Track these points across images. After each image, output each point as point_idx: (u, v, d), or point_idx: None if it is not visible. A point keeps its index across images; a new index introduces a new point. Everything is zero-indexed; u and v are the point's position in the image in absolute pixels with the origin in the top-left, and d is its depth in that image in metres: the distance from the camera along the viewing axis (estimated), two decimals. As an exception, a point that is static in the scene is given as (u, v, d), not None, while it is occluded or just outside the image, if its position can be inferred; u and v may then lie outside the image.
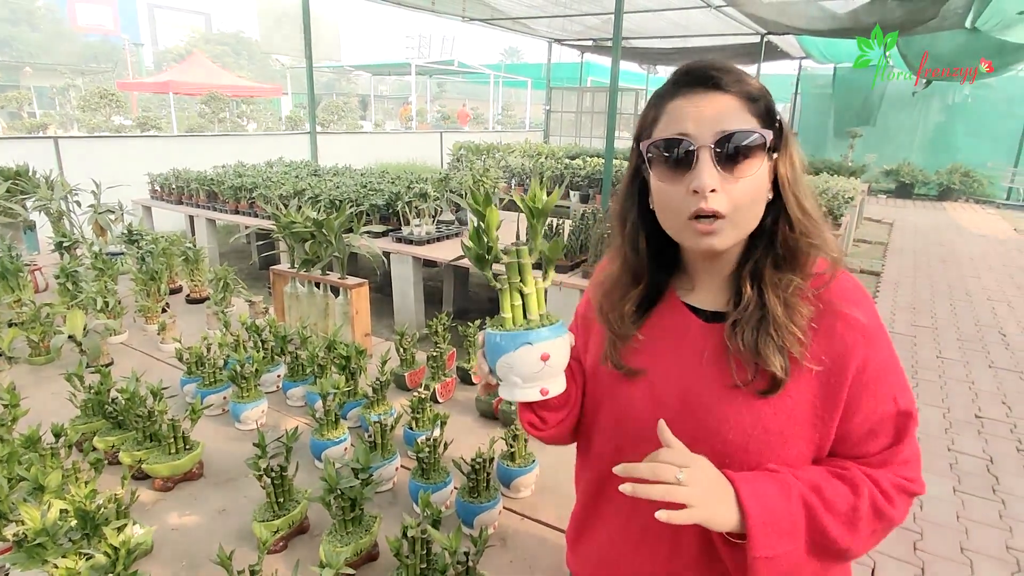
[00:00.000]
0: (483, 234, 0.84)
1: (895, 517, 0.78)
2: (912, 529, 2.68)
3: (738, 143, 0.75)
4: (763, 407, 0.78)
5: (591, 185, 7.51)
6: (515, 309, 0.82)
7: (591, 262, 3.99)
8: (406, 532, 1.01)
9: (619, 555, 0.92)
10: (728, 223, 0.77)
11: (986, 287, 6.69)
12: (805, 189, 0.82)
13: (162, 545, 1.23)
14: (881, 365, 0.79)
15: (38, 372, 2.03)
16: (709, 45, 12.88)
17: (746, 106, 0.78)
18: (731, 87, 0.77)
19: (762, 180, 0.79)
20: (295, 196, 5.24)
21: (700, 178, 0.75)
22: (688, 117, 0.77)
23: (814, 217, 0.82)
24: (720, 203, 0.76)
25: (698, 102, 0.78)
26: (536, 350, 0.77)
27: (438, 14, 11.10)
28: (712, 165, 0.75)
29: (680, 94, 0.79)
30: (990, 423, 3.66)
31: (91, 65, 34.36)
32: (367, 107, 27.77)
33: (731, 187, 0.76)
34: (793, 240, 0.81)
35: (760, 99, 0.79)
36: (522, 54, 55.59)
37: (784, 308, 0.78)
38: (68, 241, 2.83)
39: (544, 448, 1.61)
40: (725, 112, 0.77)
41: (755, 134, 0.76)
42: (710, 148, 0.75)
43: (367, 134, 14.70)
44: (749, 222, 0.80)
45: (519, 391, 0.80)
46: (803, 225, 0.81)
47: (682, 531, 0.84)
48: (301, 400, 1.84)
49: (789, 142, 0.81)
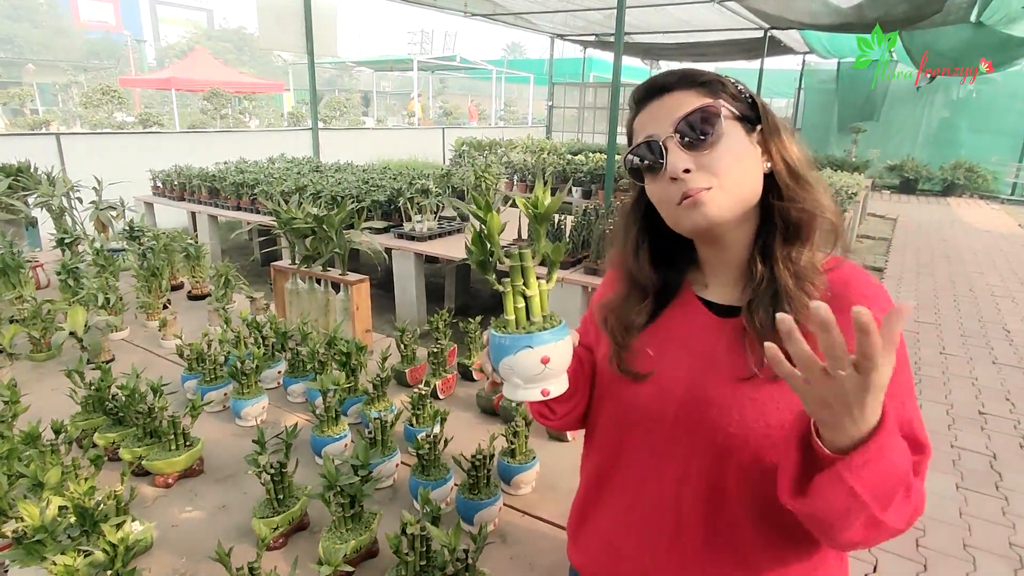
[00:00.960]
0: (485, 239, 0.85)
1: (919, 506, 0.70)
2: (915, 525, 2.67)
3: (694, 120, 0.79)
4: (767, 401, 0.78)
5: (593, 181, 7.49)
6: (518, 311, 0.82)
7: (593, 258, 3.98)
8: (405, 529, 1.01)
9: (621, 543, 0.92)
10: (717, 191, 0.79)
11: (990, 283, 6.66)
12: (795, 153, 0.83)
13: (162, 542, 1.23)
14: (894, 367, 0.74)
15: (39, 368, 2.03)
16: (712, 40, 12.82)
17: (697, 92, 0.81)
18: (678, 85, 0.82)
19: (742, 146, 0.80)
20: (296, 192, 5.24)
21: (671, 164, 0.79)
22: (648, 123, 0.83)
23: (808, 181, 0.83)
24: (701, 180, 0.78)
25: (653, 108, 0.83)
26: (537, 353, 0.79)
27: (440, 9, 11.06)
28: (678, 149, 0.79)
29: (640, 110, 0.86)
30: (993, 419, 3.65)
31: (93, 62, 34.38)
32: (369, 103, 27.76)
33: (706, 160, 0.78)
34: (785, 210, 0.81)
35: (709, 81, 0.82)
36: (524, 50, 55.49)
37: (795, 280, 0.79)
38: (70, 238, 2.83)
39: (545, 445, 1.62)
40: (677, 104, 0.81)
41: (708, 105, 0.79)
42: (673, 136, 0.79)
43: (369, 130, 14.70)
44: (742, 189, 0.80)
45: (521, 392, 0.82)
46: (792, 191, 0.81)
47: (685, 519, 0.84)
48: (302, 396, 1.84)
49: (767, 110, 0.84)
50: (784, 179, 0.82)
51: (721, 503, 0.82)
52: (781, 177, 0.82)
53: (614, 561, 0.94)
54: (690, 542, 0.84)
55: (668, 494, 0.86)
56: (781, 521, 0.79)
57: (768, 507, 0.79)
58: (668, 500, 0.86)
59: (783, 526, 0.80)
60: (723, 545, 0.83)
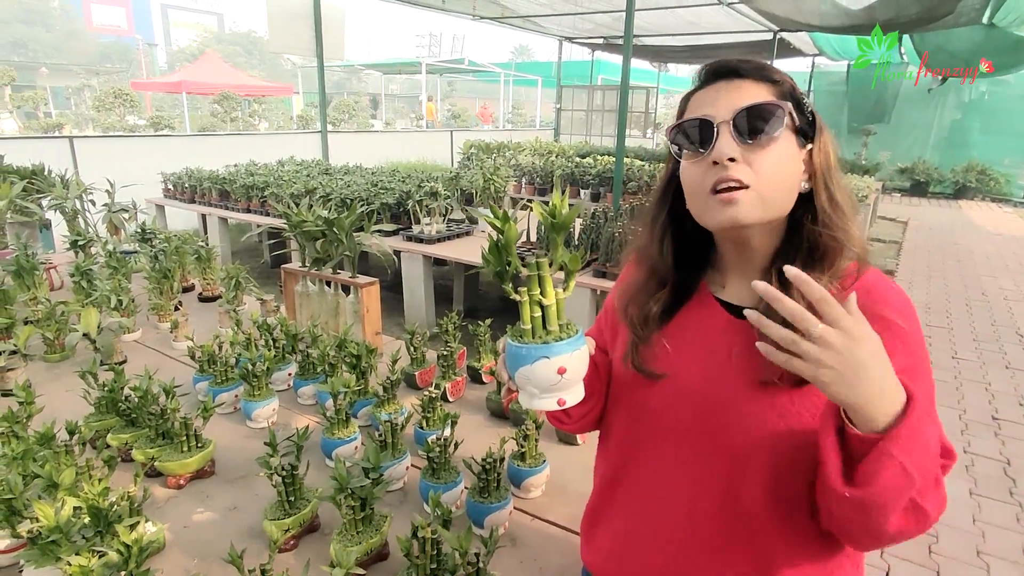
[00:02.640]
0: (503, 249, 0.84)
1: (944, 502, 0.69)
2: (928, 532, 2.64)
3: (756, 116, 0.77)
4: (787, 406, 0.77)
5: (602, 183, 7.48)
6: (535, 320, 0.82)
7: (602, 261, 3.97)
8: (417, 532, 1.01)
9: (634, 544, 0.92)
10: (753, 193, 0.77)
11: (1003, 287, 6.60)
12: (839, 182, 0.82)
13: (174, 543, 1.24)
14: (913, 375, 0.71)
15: (53, 369, 2.05)
16: (721, 42, 12.77)
17: (767, 87, 0.80)
18: (751, 74, 0.81)
19: (790, 158, 0.80)
20: (306, 195, 5.26)
21: (719, 148, 0.78)
22: (708, 102, 0.81)
23: (843, 211, 0.81)
24: (742, 172, 0.77)
25: (719, 89, 0.82)
26: (553, 364, 0.78)
27: (449, 13, 11.10)
28: (730, 137, 0.78)
29: (703, 88, 0.84)
30: (1007, 425, 3.61)
31: (105, 65, 34.75)
32: (378, 106, 27.87)
33: (753, 156, 0.77)
34: (816, 233, 0.80)
35: (782, 82, 0.81)
36: (532, 52, 55.52)
37: (806, 304, 0.76)
38: (83, 240, 2.85)
39: (555, 449, 1.62)
40: (745, 92, 0.80)
41: (775, 105, 0.78)
42: (729, 122, 0.78)
43: (378, 133, 14.75)
44: (777, 198, 0.79)
45: (537, 401, 0.82)
46: (828, 217, 0.80)
47: (699, 522, 0.84)
48: (312, 398, 1.84)
49: (823, 132, 0.83)
50: (823, 203, 0.81)
51: (736, 506, 0.81)
52: (820, 200, 0.81)
53: (628, 563, 0.93)
54: (705, 544, 0.84)
55: (682, 496, 0.85)
56: (798, 525, 0.79)
57: (785, 511, 0.78)
58: (682, 502, 0.85)
59: (799, 530, 0.79)
60: (738, 548, 0.82)
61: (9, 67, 19.09)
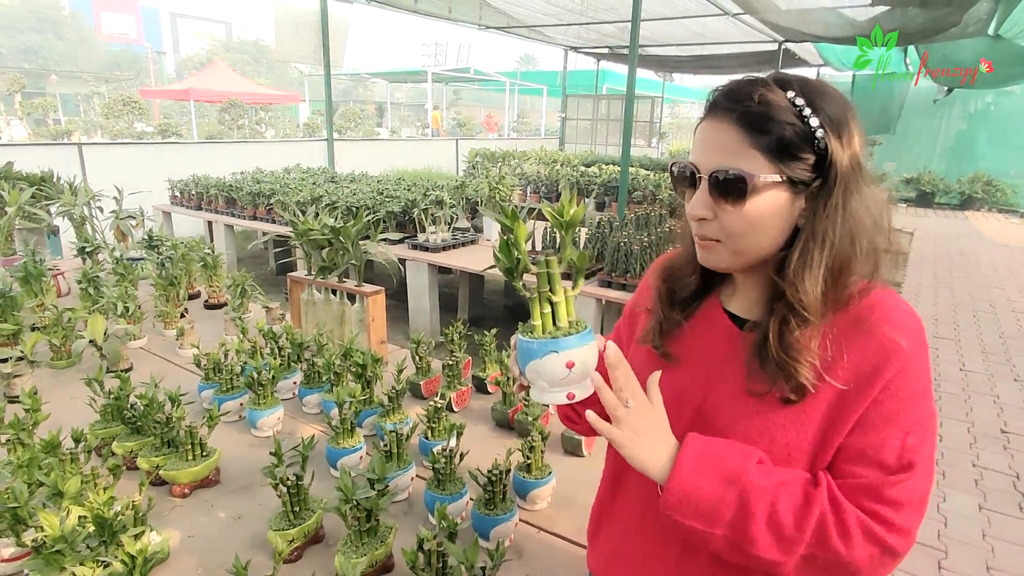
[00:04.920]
0: (512, 246, 0.87)
1: (848, 556, 0.71)
2: (936, 547, 2.61)
3: (725, 180, 0.76)
4: (774, 418, 0.78)
5: (607, 193, 7.49)
6: (544, 317, 0.84)
7: (608, 271, 3.97)
8: (423, 544, 1.00)
9: (633, 549, 0.93)
10: (723, 248, 0.80)
11: (1010, 298, 6.55)
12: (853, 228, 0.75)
13: (178, 552, 1.23)
14: (907, 395, 0.74)
15: (59, 376, 2.05)
16: (726, 53, 12.82)
17: (748, 139, 0.74)
18: (736, 116, 0.75)
19: (770, 211, 0.75)
20: (312, 203, 5.29)
21: (692, 206, 0.80)
22: (700, 143, 0.81)
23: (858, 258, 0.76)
24: (710, 229, 0.80)
25: (710, 130, 0.79)
26: (562, 358, 0.80)
27: (454, 22, 11.17)
28: (706, 194, 0.78)
29: (705, 119, 0.81)
30: (1016, 438, 3.57)
31: (115, 73, 35.04)
32: (384, 114, 28.01)
33: (723, 216, 0.78)
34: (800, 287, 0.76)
35: (771, 131, 0.73)
36: (538, 61, 55.73)
37: (778, 341, 0.76)
38: (90, 246, 2.87)
39: (561, 460, 1.61)
40: (725, 145, 0.76)
41: (741, 176, 0.74)
42: (707, 178, 0.78)
43: (383, 141, 14.81)
44: (749, 250, 0.79)
45: (547, 395, 0.84)
46: (810, 307, 0.75)
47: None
48: (317, 407, 1.84)
49: (841, 174, 0.74)
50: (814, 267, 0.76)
51: None
52: (810, 260, 0.76)
53: (626, 568, 0.94)
54: (698, 552, 0.84)
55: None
56: None
57: None
58: None
59: None
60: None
61: (20, 74, 19.28)
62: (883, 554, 0.72)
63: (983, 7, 7.26)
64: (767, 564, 0.74)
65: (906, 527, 0.72)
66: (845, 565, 0.72)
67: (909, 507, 0.72)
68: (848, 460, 0.75)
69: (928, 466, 0.74)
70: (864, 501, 0.73)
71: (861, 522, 0.71)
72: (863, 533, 0.71)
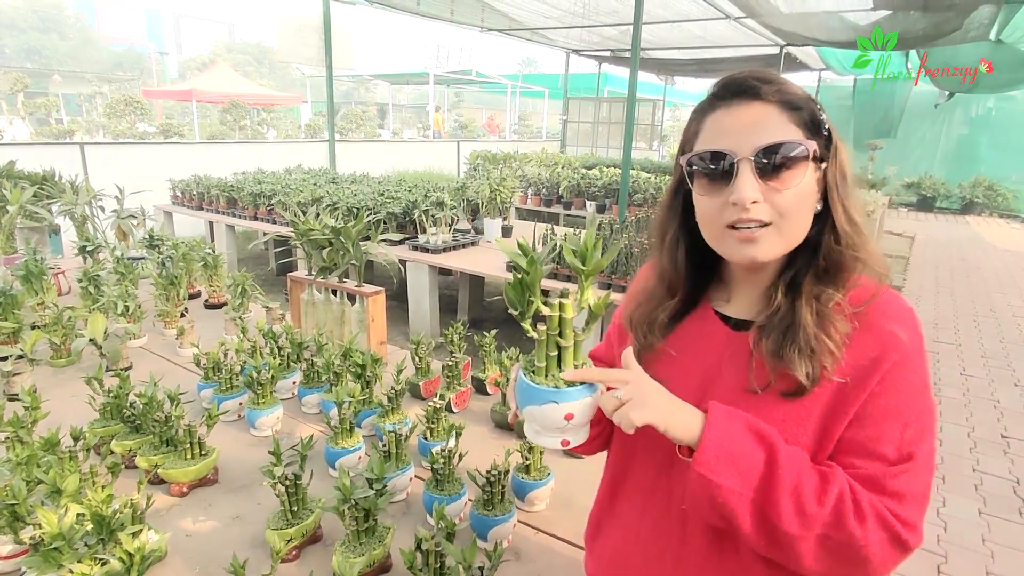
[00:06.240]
0: (526, 288, 0.83)
1: (862, 539, 0.70)
2: (936, 552, 2.61)
3: (778, 155, 0.74)
4: (773, 414, 0.77)
5: (608, 195, 7.49)
6: (550, 360, 0.81)
7: (607, 273, 3.97)
8: (421, 545, 1.00)
9: (631, 553, 0.92)
10: (774, 231, 0.76)
11: (1011, 303, 6.55)
12: (855, 200, 0.80)
13: (176, 551, 1.23)
14: (905, 388, 0.74)
15: (59, 374, 2.05)
16: (728, 56, 12.82)
17: (787, 115, 0.77)
18: (770, 96, 0.76)
19: (808, 189, 0.77)
20: (313, 203, 5.29)
21: (740, 191, 0.75)
22: (727, 130, 0.77)
23: (862, 230, 0.80)
24: (763, 212, 0.76)
25: (737, 113, 0.77)
26: (561, 409, 0.78)
27: (457, 24, 11.19)
28: (753, 176, 0.75)
29: (719, 107, 0.79)
30: (1016, 443, 3.56)
31: (117, 73, 35.07)
32: (385, 116, 28.04)
33: (775, 197, 0.75)
34: (838, 253, 0.79)
35: (803, 107, 0.77)
36: (539, 64, 55.76)
37: (817, 319, 0.76)
38: (91, 245, 2.87)
39: (560, 462, 1.60)
40: (764, 122, 0.76)
41: (798, 145, 0.75)
42: (750, 160, 0.75)
43: (385, 142, 14.82)
44: (796, 233, 0.78)
45: (541, 438, 0.82)
46: (850, 238, 0.79)
47: (690, 530, 0.84)
48: (316, 407, 1.84)
49: (839, 151, 0.80)
50: (842, 223, 0.79)
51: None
52: (839, 220, 0.79)
53: (624, 570, 0.93)
54: (696, 552, 0.84)
55: (675, 504, 0.86)
56: None
57: None
58: (675, 510, 0.86)
59: None
60: (727, 555, 0.82)
61: (23, 74, 19.32)
62: (892, 542, 0.71)
63: (984, 12, 7.27)
64: (787, 540, 0.71)
65: (911, 520, 0.72)
66: (858, 548, 0.70)
67: (911, 499, 0.72)
68: (847, 453, 0.75)
69: (928, 459, 0.74)
70: (866, 492, 0.73)
71: (874, 506, 0.71)
72: (876, 517, 0.71)
